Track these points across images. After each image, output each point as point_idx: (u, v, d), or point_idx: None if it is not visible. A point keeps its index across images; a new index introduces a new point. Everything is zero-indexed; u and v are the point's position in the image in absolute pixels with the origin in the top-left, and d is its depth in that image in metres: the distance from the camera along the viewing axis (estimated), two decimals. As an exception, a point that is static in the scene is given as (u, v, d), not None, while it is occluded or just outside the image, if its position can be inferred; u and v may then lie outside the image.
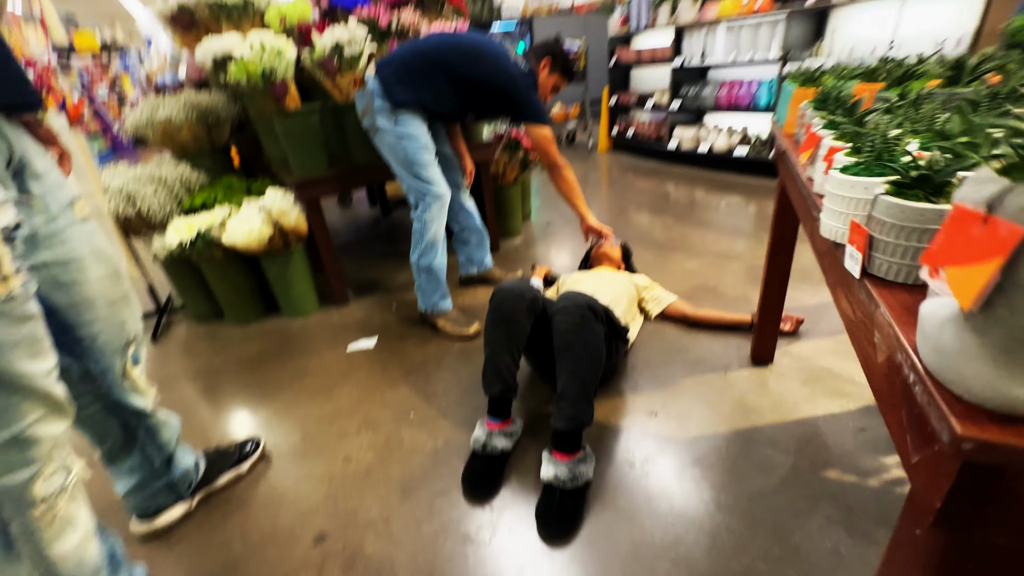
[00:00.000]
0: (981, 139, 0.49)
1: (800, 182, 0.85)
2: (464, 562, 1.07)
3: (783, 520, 1.10)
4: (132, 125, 2.18)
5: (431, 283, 1.93)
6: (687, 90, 4.10)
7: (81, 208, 0.90)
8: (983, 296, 0.26)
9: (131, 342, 1.01)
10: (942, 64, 1.00)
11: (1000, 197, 0.26)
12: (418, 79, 1.72)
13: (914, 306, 0.41)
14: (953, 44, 2.72)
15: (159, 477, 1.17)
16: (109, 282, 0.94)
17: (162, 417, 1.14)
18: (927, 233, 0.42)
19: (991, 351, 0.27)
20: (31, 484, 0.72)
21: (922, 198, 0.42)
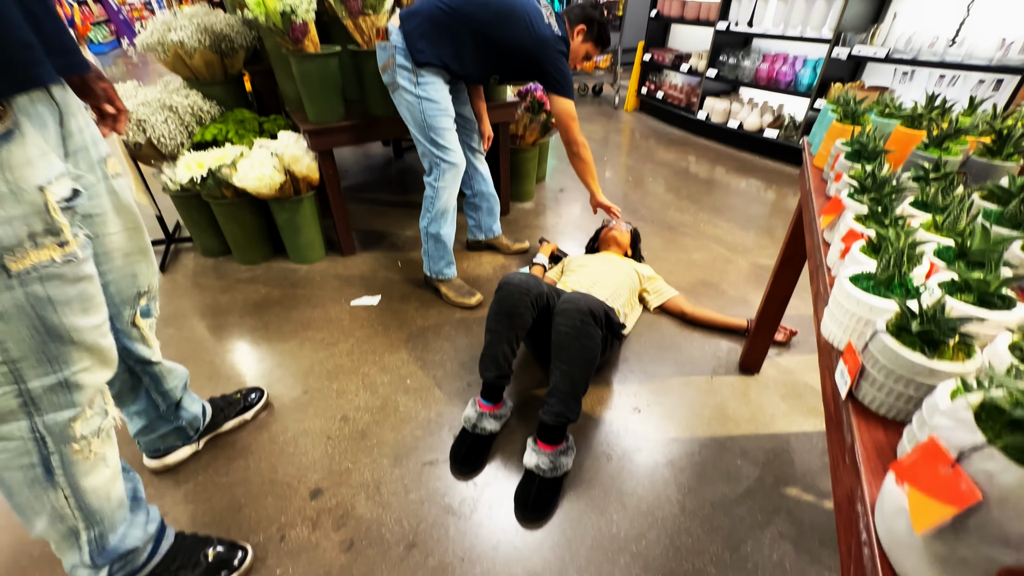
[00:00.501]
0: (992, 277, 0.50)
1: (816, 238, 0.85)
2: (445, 532, 1.18)
3: (739, 529, 1.20)
4: (142, 45, 2.08)
5: (438, 250, 1.95)
6: (727, 58, 3.87)
7: (113, 165, 0.92)
8: (934, 530, 0.29)
9: (143, 294, 1.04)
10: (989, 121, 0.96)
11: (969, 452, 0.29)
12: (443, 36, 1.63)
13: (888, 448, 0.45)
14: (1020, 47, 2.54)
15: (166, 420, 1.25)
16: (127, 235, 0.96)
17: (167, 366, 1.19)
18: (915, 384, 0.45)
19: (932, 560, 0.30)
20: (73, 423, 0.80)
21: (918, 348, 0.44)
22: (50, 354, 0.74)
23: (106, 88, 0.94)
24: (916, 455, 0.32)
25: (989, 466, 0.28)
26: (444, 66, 1.67)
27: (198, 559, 1.05)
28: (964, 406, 0.31)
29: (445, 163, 1.77)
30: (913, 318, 0.45)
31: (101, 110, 0.96)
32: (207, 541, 1.10)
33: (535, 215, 2.79)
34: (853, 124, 1.06)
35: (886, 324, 0.47)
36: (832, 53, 3.11)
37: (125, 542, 0.95)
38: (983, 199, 0.76)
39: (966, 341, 0.45)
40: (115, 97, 0.96)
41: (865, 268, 0.58)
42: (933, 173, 0.79)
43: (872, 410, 0.48)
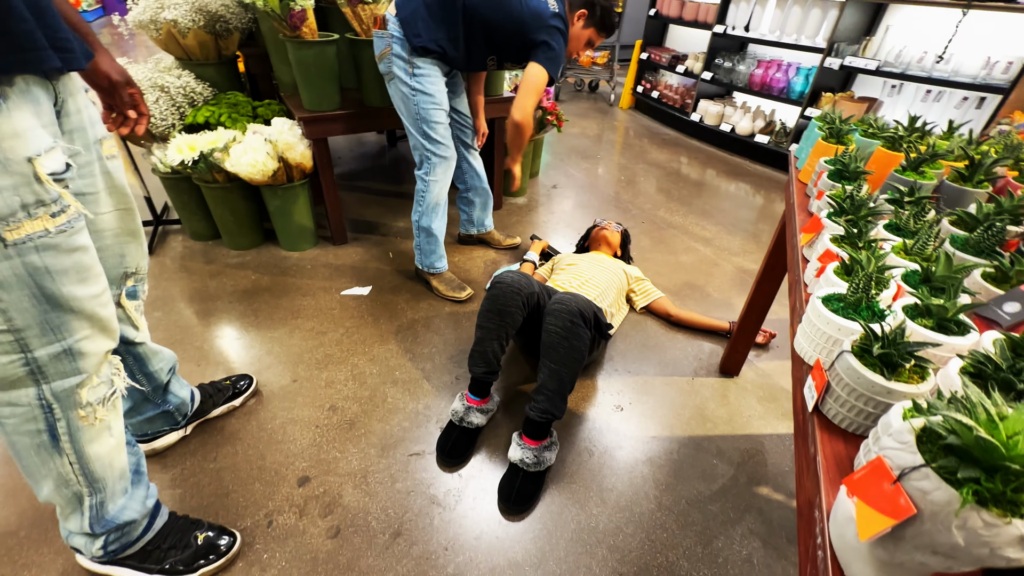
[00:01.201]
0: (950, 304, 0.54)
1: (796, 253, 0.89)
2: (429, 522, 1.22)
3: (712, 526, 1.26)
4: (134, 22, 2.04)
5: (430, 244, 1.96)
6: (723, 61, 3.90)
7: (109, 147, 0.94)
8: (876, 538, 0.33)
9: (130, 275, 1.05)
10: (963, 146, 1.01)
11: (909, 471, 0.32)
12: (439, 18, 1.62)
13: (847, 460, 0.49)
14: (1003, 67, 2.62)
15: (152, 403, 1.26)
16: (119, 216, 0.98)
17: (152, 347, 1.20)
18: (873, 402, 0.49)
19: (875, 564, 0.34)
20: (79, 390, 0.83)
21: (878, 369, 0.48)
22: (52, 323, 0.76)
23: (133, 94, 0.98)
24: (865, 471, 0.36)
25: (924, 484, 0.32)
26: (441, 52, 1.66)
27: (188, 541, 1.08)
28: (908, 429, 0.35)
29: (436, 157, 1.78)
30: (875, 341, 0.49)
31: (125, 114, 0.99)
32: (198, 524, 1.12)
33: (527, 210, 2.81)
34: (837, 143, 1.10)
35: (851, 345, 0.51)
36: (825, 62, 3.17)
37: (124, 513, 0.97)
38: (952, 224, 0.80)
39: (921, 364, 0.49)
40: (140, 102, 1.00)
41: (837, 289, 0.62)
42: (907, 197, 0.83)
43: (835, 424, 0.53)
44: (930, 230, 0.69)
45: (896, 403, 0.46)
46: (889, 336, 0.48)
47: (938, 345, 0.49)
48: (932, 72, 2.79)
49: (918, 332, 0.54)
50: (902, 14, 3.07)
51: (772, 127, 3.71)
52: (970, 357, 0.47)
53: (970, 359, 0.47)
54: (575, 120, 4.53)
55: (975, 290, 0.64)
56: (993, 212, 0.76)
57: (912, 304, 0.58)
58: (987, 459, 0.30)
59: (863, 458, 0.45)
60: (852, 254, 0.63)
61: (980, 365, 0.46)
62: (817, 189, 1.00)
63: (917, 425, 0.35)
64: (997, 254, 0.71)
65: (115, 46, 6.61)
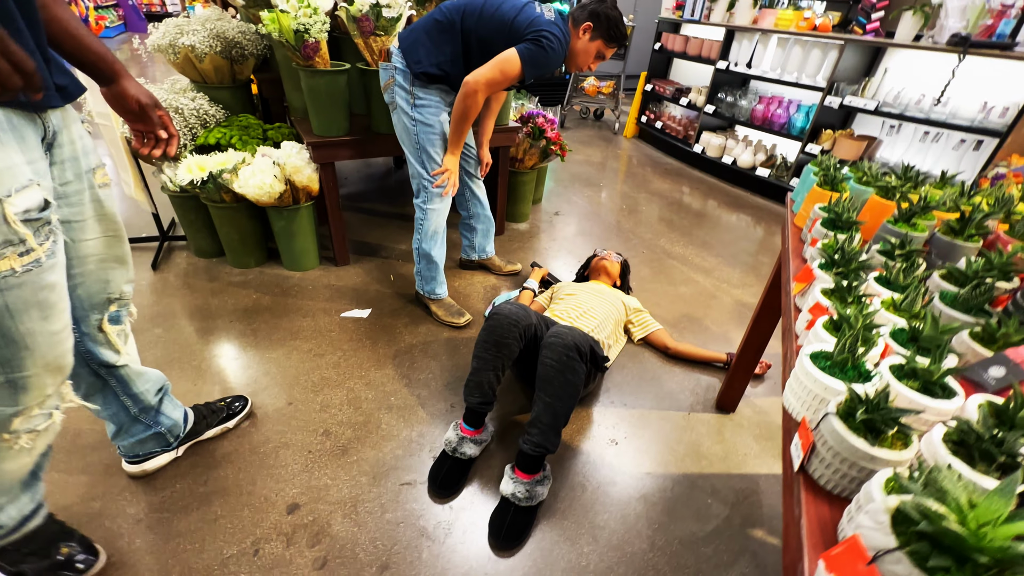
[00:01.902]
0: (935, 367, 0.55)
1: (789, 300, 0.90)
2: (418, 555, 1.20)
3: (705, 569, 1.24)
4: (153, 46, 2.11)
5: (430, 270, 1.98)
6: (725, 95, 3.99)
7: (101, 176, 0.95)
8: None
9: (113, 300, 1.05)
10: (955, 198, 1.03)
11: (883, 554, 0.33)
12: (439, 40, 1.64)
13: (831, 525, 0.49)
14: (1000, 112, 2.67)
15: (142, 424, 1.25)
16: (106, 242, 0.99)
17: (136, 369, 1.17)
18: (857, 467, 0.49)
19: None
20: (12, 418, 0.83)
21: (861, 434, 0.49)
22: (2, 356, 0.76)
23: (162, 116, 1.01)
24: (842, 548, 0.37)
25: (897, 569, 0.32)
26: (444, 75, 1.66)
27: (49, 551, 1.05)
28: (883, 509, 0.35)
29: (434, 187, 1.81)
30: (860, 404, 0.49)
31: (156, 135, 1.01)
32: (68, 536, 1.09)
33: (529, 236, 2.84)
34: (832, 190, 1.12)
35: (836, 407, 0.52)
36: (825, 101, 3.23)
37: None
38: (943, 278, 0.81)
39: (904, 431, 0.50)
40: (169, 123, 1.02)
41: (826, 346, 0.63)
42: (898, 250, 0.85)
43: (820, 485, 0.53)
44: (918, 287, 0.71)
45: (880, 469, 0.47)
46: (873, 400, 0.49)
47: (920, 412, 0.49)
48: (930, 114, 2.84)
49: (903, 394, 0.54)
50: (900, 57, 3.15)
51: (773, 161, 3.76)
52: (953, 426, 0.48)
53: (952, 429, 0.47)
54: (579, 148, 4.61)
55: (963, 350, 0.65)
56: (982, 268, 0.77)
57: (899, 364, 0.59)
58: (958, 548, 0.30)
59: (846, 525, 0.45)
60: (840, 310, 0.64)
61: (963, 434, 0.47)
62: (811, 236, 1.01)
63: (892, 505, 0.35)
64: (986, 312, 0.72)
65: (133, 64, 6.79)
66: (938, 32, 2.83)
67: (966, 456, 0.46)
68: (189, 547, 1.18)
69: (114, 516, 1.23)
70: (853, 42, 3.08)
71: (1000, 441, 0.45)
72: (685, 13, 4.28)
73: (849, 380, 0.58)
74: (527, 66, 1.56)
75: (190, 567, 1.14)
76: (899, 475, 0.42)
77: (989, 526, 0.30)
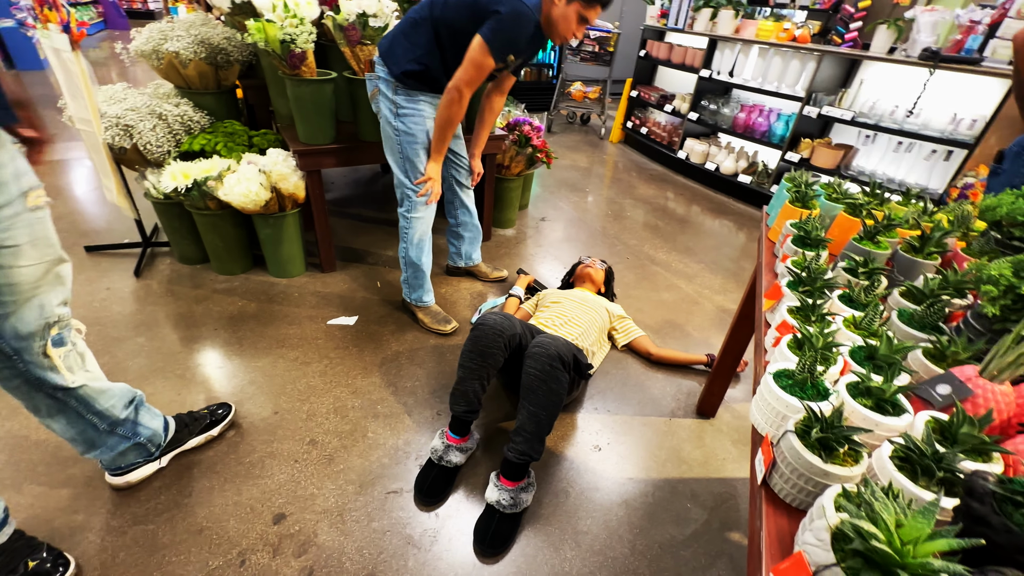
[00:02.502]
0: (887, 385, 0.59)
1: (761, 316, 0.94)
2: (404, 563, 1.22)
3: (684, 572, 1.27)
4: (136, 51, 2.09)
5: (417, 278, 2.00)
6: (708, 103, 4.06)
7: (35, 198, 0.93)
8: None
9: (52, 325, 1.01)
10: (917, 216, 1.08)
11: (822, 569, 0.36)
12: (412, 40, 1.64)
13: (788, 536, 0.52)
14: (968, 124, 2.77)
15: (116, 436, 1.23)
16: (42, 268, 0.96)
17: (96, 387, 1.14)
18: (813, 481, 0.53)
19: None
20: None
21: (816, 451, 0.53)
22: None
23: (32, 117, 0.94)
24: (788, 563, 0.40)
25: (834, 583, 0.35)
26: (424, 68, 1.63)
27: (16, 566, 1.05)
28: (824, 527, 0.39)
29: (416, 198, 1.84)
30: (816, 423, 0.53)
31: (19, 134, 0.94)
32: (35, 548, 1.09)
33: (516, 243, 2.87)
34: (803, 207, 1.17)
35: (795, 425, 0.56)
36: (804, 110, 3.32)
37: None
38: (901, 296, 0.86)
39: (855, 448, 0.54)
40: (41, 127, 0.95)
41: (789, 365, 0.67)
42: (861, 268, 0.89)
43: (780, 498, 0.56)
44: (876, 308, 0.75)
45: (833, 484, 0.51)
46: (828, 419, 0.53)
47: (869, 431, 0.53)
48: (903, 125, 2.94)
49: (857, 411, 0.58)
50: (875, 69, 3.25)
51: (755, 168, 3.85)
52: (898, 443, 0.51)
53: (897, 446, 0.51)
54: (566, 153, 4.65)
55: (916, 368, 0.70)
56: (938, 287, 0.82)
57: (855, 382, 0.63)
58: (884, 564, 0.34)
59: (800, 537, 0.49)
60: (803, 330, 0.68)
61: (908, 451, 0.51)
62: (783, 252, 1.06)
63: (833, 523, 0.39)
64: (939, 330, 0.76)
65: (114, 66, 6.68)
66: (911, 46, 2.92)
67: (910, 472, 0.50)
68: (174, 559, 1.18)
69: (97, 529, 1.23)
70: (830, 53, 3.17)
71: (940, 457, 0.49)
72: (669, 22, 4.35)
73: (808, 398, 0.61)
74: (495, 47, 1.50)
75: (175, 579, 1.14)
76: (846, 491, 0.45)
77: (911, 544, 0.34)
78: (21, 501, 1.27)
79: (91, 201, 2.85)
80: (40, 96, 4.74)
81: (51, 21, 1.79)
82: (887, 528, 0.35)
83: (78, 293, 2.04)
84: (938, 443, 0.53)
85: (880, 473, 0.51)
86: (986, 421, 0.53)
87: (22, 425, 1.47)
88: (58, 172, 3.20)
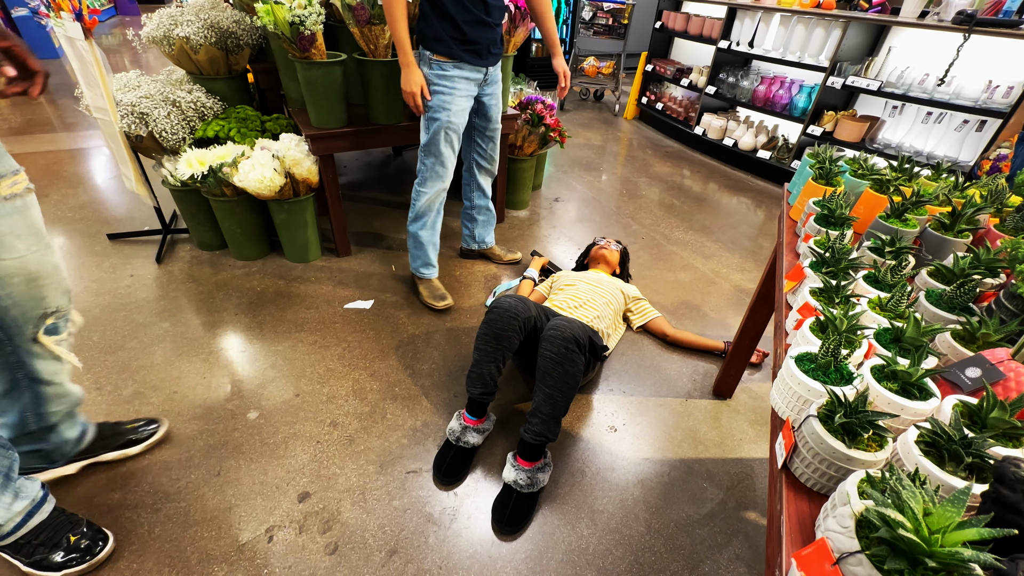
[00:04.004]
0: (913, 369, 0.58)
1: (781, 297, 0.93)
2: (425, 540, 1.26)
3: (699, 550, 1.29)
4: (147, 38, 2.09)
5: (417, 249, 2.06)
6: (727, 76, 3.93)
7: (13, 185, 0.90)
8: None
9: (49, 314, 1.01)
10: (947, 192, 1.04)
11: (847, 556, 0.36)
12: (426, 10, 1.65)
13: (809, 520, 0.52)
14: (1004, 92, 2.64)
15: (33, 440, 1.19)
16: (33, 259, 0.95)
17: (63, 389, 1.14)
18: (835, 466, 0.52)
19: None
20: None
21: (839, 436, 0.52)
22: None
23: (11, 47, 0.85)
24: (811, 549, 0.40)
25: (858, 570, 0.35)
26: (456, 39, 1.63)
27: (59, 540, 1.10)
28: (849, 514, 0.38)
29: (430, 173, 1.88)
30: (839, 407, 0.52)
31: None
32: (75, 524, 1.13)
33: (529, 224, 2.85)
34: (827, 184, 1.13)
35: (817, 410, 0.55)
36: (827, 81, 3.19)
37: None
38: (930, 276, 0.83)
39: (880, 433, 0.53)
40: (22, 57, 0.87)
41: (812, 348, 0.65)
42: (888, 247, 0.87)
43: (801, 482, 0.56)
44: (903, 289, 0.73)
45: (856, 469, 0.50)
46: (852, 404, 0.52)
47: (895, 416, 0.52)
48: (933, 94, 2.81)
49: (882, 395, 0.57)
50: (905, 36, 3.09)
51: (775, 143, 3.73)
52: (925, 427, 0.50)
53: (924, 431, 0.50)
54: (579, 131, 4.57)
55: (944, 350, 0.68)
56: (968, 266, 0.79)
57: (880, 365, 0.61)
58: (911, 553, 0.33)
59: (822, 521, 0.48)
60: (826, 313, 0.66)
61: (934, 436, 0.50)
62: (805, 231, 1.03)
63: (858, 510, 0.38)
64: (970, 310, 0.74)
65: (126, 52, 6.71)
66: (944, 9, 2.77)
67: (936, 457, 0.49)
68: (206, 535, 1.23)
69: (133, 507, 1.28)
70: (857, 20, 3.02)
71: (968, 443, 0.48)
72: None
73: (831, 382, 0.60)
74: None
75: (208, 553, 1.19)
76: (870, 477, 0.45)
77: (940, 533, 0.33)
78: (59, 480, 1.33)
79: (111, 189, 2.90)
80: (57, 84, 4.80)
81: (63, 9, 1.79)
82: (914, 516, 0.34)
83: (103, 280, 2.10)
84: (967, 428, 0.52)
85: (905, 459, 0.50)
86: (1018, 405, 0.51)
87: (58, 408, 1.54)
88: (78, 161, 3.26)
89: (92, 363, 1.70)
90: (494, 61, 1.82)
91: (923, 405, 0.56)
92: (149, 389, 1.61)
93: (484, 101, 1.92)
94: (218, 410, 1.56)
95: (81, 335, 1.81)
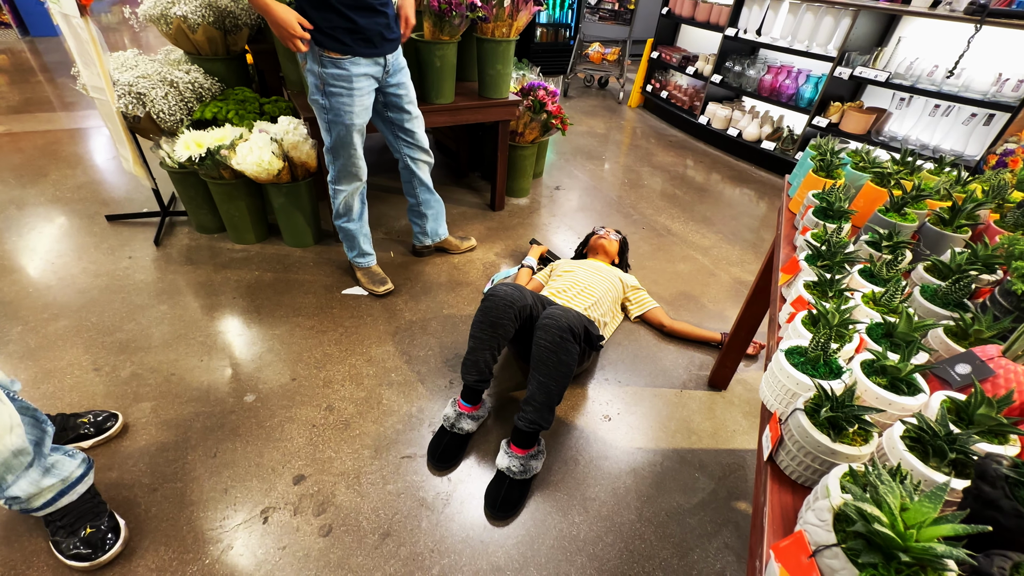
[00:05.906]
0: (902, 364, 0.57)
1: (777, 288, 0.92)
2: (418, 524, 1.27)
3: (689, 538, 1.30)
4: (144, 16, 2.06)
5: (349, 240, 2.05)
6: (733, 64, 3.87)
7: None
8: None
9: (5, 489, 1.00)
10: (948, 187, 1.03)
11: (823, 548, 0.36)
12: None
13: (792, 512, 0.52)
14: (1014, 85, 2.60)
15: None
16: None
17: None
18: (820, 459, 0.52)
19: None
20: None
21: (824, 430, 0.52)
22: None
23: None
24: (788, 541, 0.40)
25: (833, 563, 0.35)
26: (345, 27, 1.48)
27: (76, 528, 1.11)
28: (827, 508, 0.39)
29: (340, 172, 1.84)
30: (826, 401, 0.52)
31: None
32: (97, 515, 1.14)
33: (529, 212, 2.83)
34: (827, 177, 1.12)
35: (804, 404, 0.55)
36: (835, 71, 3.14)
37: (10, 489, 1.00)
38: (926, 271, 0.83)
39: (865, 427, 0.53)
40: None
41: (803, 341, 0.65)
42: (885, 241, 0.86)
43: (786, 475, 0.56)
44: (897, 283, 0.72)
45: (840, 463, 0.50)
46: (839, 398, 0.52)
47: (881, 411, 0.52)
48: (942, 87, 2.76)
49: (870, 390, 0.57)
50: (915, 26, 3.04)
51: (780, 134, 3.69)
52: (910, 423, 0.50)
53: (910, 426, 0.50)
54: (582, 118, 4.52)
55: (936, 346, 0.67)
56: (965, 262, 0.79)
57: (870, 360, 0.61)
58: (886, 547, 0.34)
59: (804, 514, 0.49)
60: (818, 307, 0.66)
61: (920, 431, 0.50)
62: (803, 224, 1.02)
63: (836, 504, 0.38)
64: (964, 307, 0.74)
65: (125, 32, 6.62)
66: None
67: (921, 452, 0.49)
68: (202, 515, 1.25)
69: (130, 486, 1.30)
70: (868, 8, 2.96)
71: (953, 439, 0.48)
72: (695, -25, 4.10)
73: (820, 376, 0.60)
74: None
75: (203, 533, 1.21)
76: (853, 471, 0.45)
77: (915, 528, 0.33)
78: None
79: (110, 170, 2.88)
80: (55, 63, 4.75)
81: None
82: (890, 511, 0.34)
83: (102, 262, 2.10)
84: (953, 424, 0.52)
85: (890, 453, 0.50)
86: (1005, 402, 0.51)
87: (55, 388, 1.55)
88: (77, 140, 3.24)
89: (90, 344, 1.71)
90: (392, 48, 1.66)
91: (911, 401, 0.56)
92: (147, 371, 1.62)
93: (392, 92, 1.78)
94: (215, 393, 1.57)
95: (79, 316, 1.81)
